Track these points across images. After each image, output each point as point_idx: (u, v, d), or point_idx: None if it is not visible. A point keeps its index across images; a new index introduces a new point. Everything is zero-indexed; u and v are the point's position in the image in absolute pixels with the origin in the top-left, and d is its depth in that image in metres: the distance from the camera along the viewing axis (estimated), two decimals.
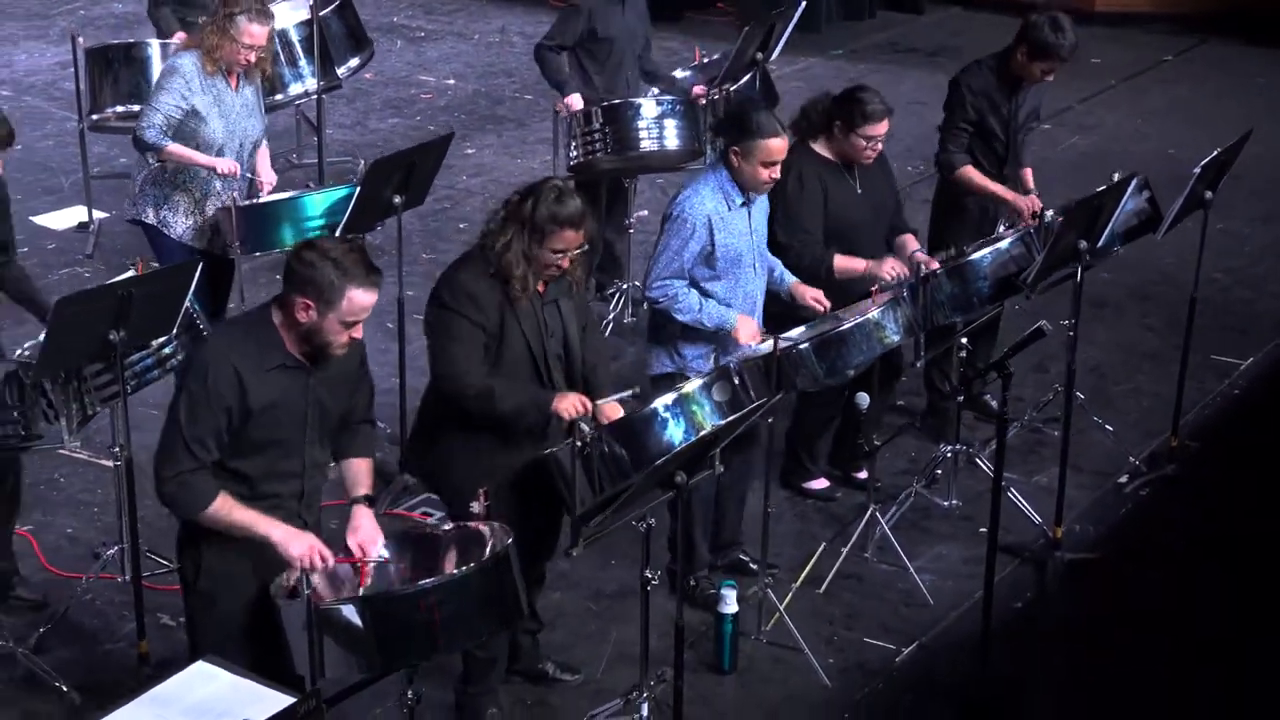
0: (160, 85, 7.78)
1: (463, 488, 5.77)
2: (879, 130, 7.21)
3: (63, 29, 14.70)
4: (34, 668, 6.49)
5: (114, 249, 10.21)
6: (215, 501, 5.12)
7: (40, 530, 7.43)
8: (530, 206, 5.76)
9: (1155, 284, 9.87)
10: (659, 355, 6.82)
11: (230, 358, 5.11)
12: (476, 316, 5.78)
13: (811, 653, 6.66)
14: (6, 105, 12.65)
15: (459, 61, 14.27)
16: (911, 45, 15.00)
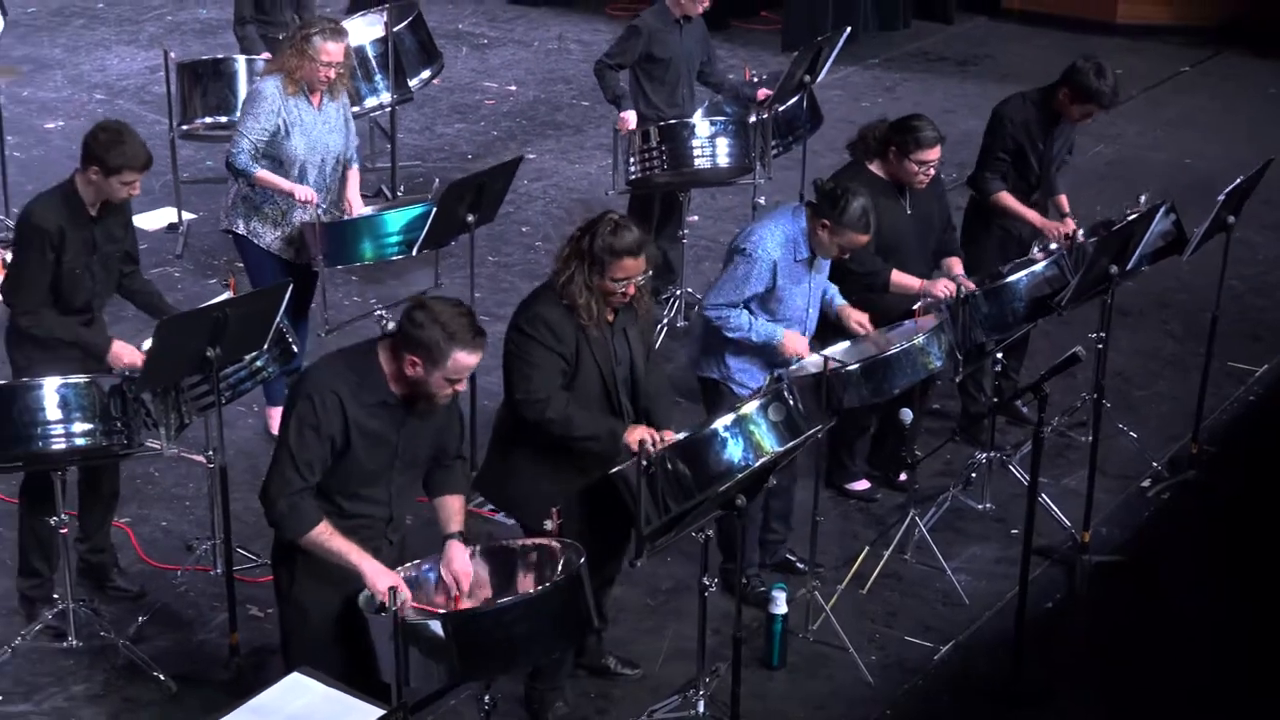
0: (246, 110, 7.77)
1: (534, 504, 5.77)
2: (931, 156, 7.19)
3: (151, 34, 14.74)
4: (134, 657, 6.51)
5: (202, 249, 10.23)
6: (318, 527, 5.14)
7: (137, 523, 7.44)
8: (589, 240, 5.74)
9: (1175, 292, 9.79)
10: (707, 360, 6.85)
11: (336, 389, 5.13)
12: (553, 343, 5.77)
13: (855, 651, 6.64)
14: (100, 109, 12.75)
15: (520, 68, 14.20)
16: (942, 54, 14.90)
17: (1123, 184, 11.58)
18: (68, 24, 15.01)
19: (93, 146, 6.40)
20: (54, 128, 12.34)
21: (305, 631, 5.36)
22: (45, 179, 11.07)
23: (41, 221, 6.43)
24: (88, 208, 6.50)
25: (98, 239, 6.56)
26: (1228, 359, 8.99)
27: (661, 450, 5.63)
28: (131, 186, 6.48)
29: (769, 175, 9.06)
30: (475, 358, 5.15)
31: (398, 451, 5.29)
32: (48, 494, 6.49)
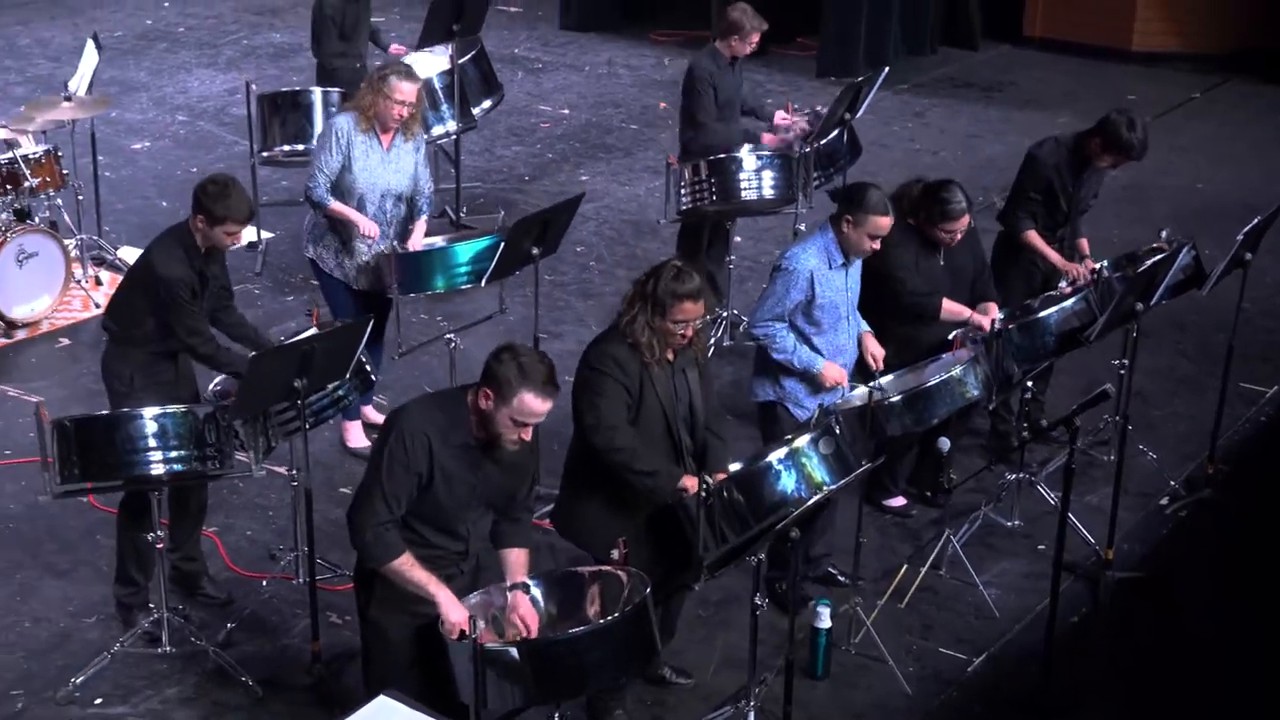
0: (320, 144, 7.80)
1: (600, 535, 5.81)
2: (959, 226, 7.16)
3: (229, 58, 14.81)
4: (222, 662, 6.53)
5: (280, 266, 10.26)
6: (400, 558, 5.16)
7: (224, 532, 7.47)
8: (652, 284, 5.75)
9: (1190, 315, 9.72)
10: (762, 384, 6.84)
11: (425, 430, 5.15)
12: (620, 377, 5.78)
13: (894, 662, 6.62)
14: (183, 130, 12.84)
15: (572, 92, 14.18)
16: (968, 80, 14.83)
17: (1137, 207, 11.54)
18: (151, 48, 15.08)
19: (201, 198, 6.45)
20: (140, 148, 12.40)
21: (385, 652, 5.38)
22: (132, 198, 11.28)
23: (182, 275, 6.49)
24: (200, 250, 6.54)
25: (209, 278, 6.64)
26: (1239, 380, 8.91)
27: (719, 482, 5.65)
28: (235, 236, 6.55)
29: (810, 205, 9.03)
30: (543, 404, 5.12)
31: (475, 492, 5.30)
32: (145, 510, 6.53)
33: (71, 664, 6.54)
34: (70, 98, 9.74)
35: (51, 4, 16.44)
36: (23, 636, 6.76)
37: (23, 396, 8.66)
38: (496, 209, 11.21)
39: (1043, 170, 7.91)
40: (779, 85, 14.24)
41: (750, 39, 9.00)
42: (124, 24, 15.78)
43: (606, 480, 5.90)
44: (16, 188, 9.29)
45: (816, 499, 5.58)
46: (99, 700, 6.38)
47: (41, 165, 9.48)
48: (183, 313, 6.50)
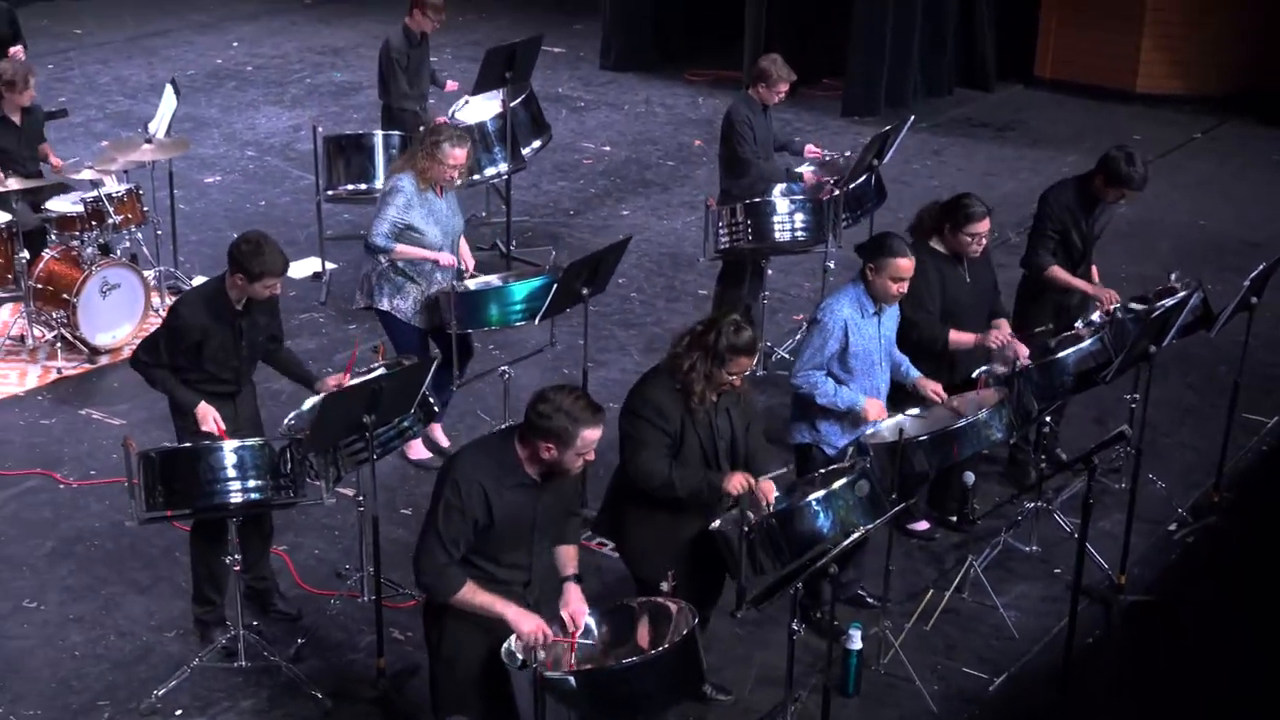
0: (385, 201, 7.76)
1: (643, 551, 5.89)
2: (981, 228, 7.15)
3: (294, 96, 14.84)
4: (294, 676, 6.54)
5: (343, 296, 10.23)
6: (464, 589, 5.16)
7: (293, 551, 7.48)
8: (713, 337, 5.73)
9: (1194, 348, 9.60)
10: (800, 429, 6.81)
11: (478, 477, 5.16)
12: (660, 423, 5.79)
13: (920, 682, 6.59)
14: (251, 164, 12.86)
15: (613, 129, 14.17)
16: (983, 120, 14.75)
17: (1143, 243, 11.49)
18: (222, 85, 15.12)
19: (236, 256, 6.44)
20: (212, 182, 12.43)
21: (452, 682, 5.38)
22: (205, 230, 11.32)
23: (185, 323, 6.50)
24: (234, 304, 6.54)
25: (244, 329, 6.60)
26: (1242, 410, 8.85)
27: (760, 518, 5.65)
28: (272, 289, 6.53)
29: (839, 245, 9.01)
30: (598, 431, 5.19)
31: (535, 523, 5.30)
32: (221, 534, 6.55)
33: (153, 676, 6.56)
34: (151, 140, 9.78)
35: (129, 44, 16.51)
36: (109, 649, 6.78)
37: (106, 419, 8.70)
38: (544, 243, 11.24)
39: (1056, 211, 7.89)
40: (806, 124, 14.21)
41: (777, 88, 8.98)
42: (195, 63, 15.83)
43: (648, 502, 5.91)
44: (101, 224, 9.34)
45: (853, 539, 5.56)
46: (179, 711, 6.39)
47: (124, 203, 9.53)
48: (161, 335, 6.57)
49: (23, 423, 8.65)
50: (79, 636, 6.85)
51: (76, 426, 8.62)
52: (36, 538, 7.57)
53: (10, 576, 7.27)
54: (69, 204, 9.37)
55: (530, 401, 5.22)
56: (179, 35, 16.89)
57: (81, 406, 8.83)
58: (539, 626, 5.16)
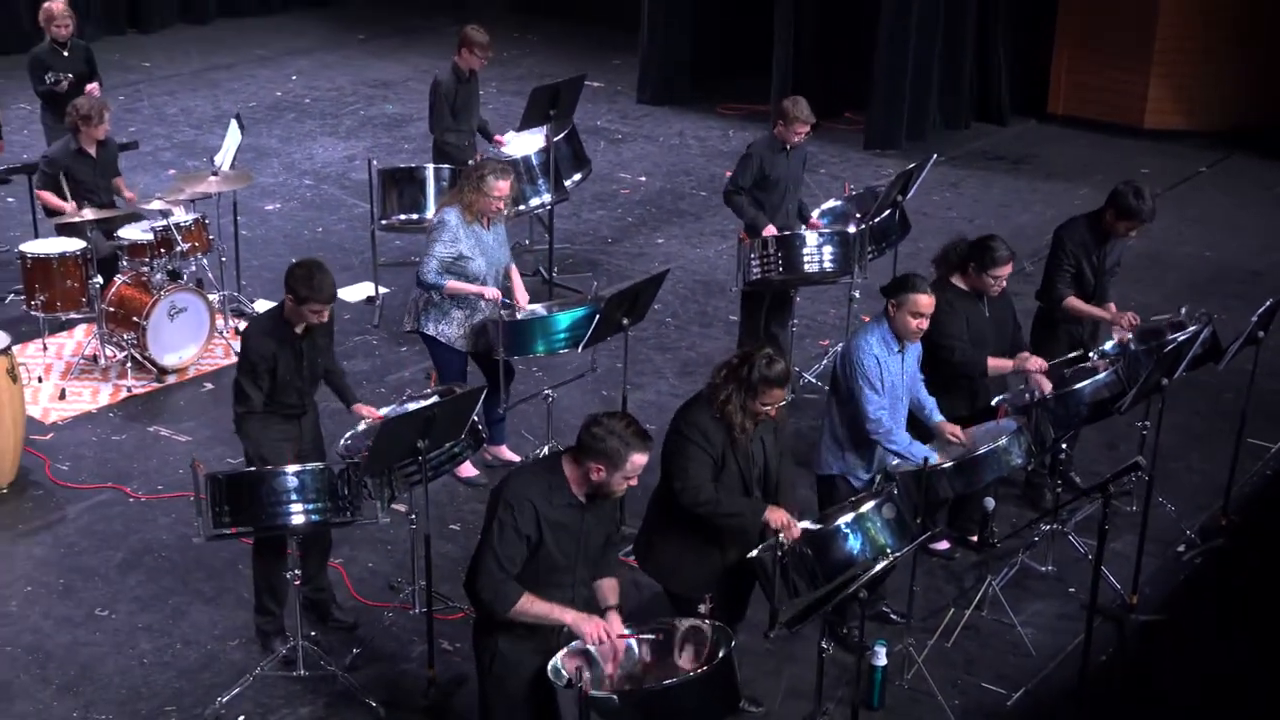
0: (434, 236, 7.74)
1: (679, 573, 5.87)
2: (1005, 271, 7.14)
3: (349, 127, 14.84)
4: (349, 685, 6.54)
5: (394, 319, 10.17)
6: (521, 600, 5.14)
7: (348, 564, 7.47)
8: (747, 370, 5.70)
9: (1202, 375, 9.48)
10: (828, 460, 6.77)
11: (530, 497, 5.14)
12: (705, 445, 5.77)
13: (942, 697, 6.54)
14: (309, 192, 12.87)
15: (648, 161, 14.13)
16: (998, 154, 14.66)
17: (1152, 273, 11.40)
18: (281, 117, 15.15)
19: (289, 279, 6.46)
20: (272, 209, 12.45)
21: (503, 700, 5.35)
22: (266, 255, 11.33)
23: (258, 348, 6.50)
24: (294, 328, 6.53)
25: (304, 351, 6.60)
26: (1247, 436, 8.79)
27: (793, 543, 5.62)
28: (319, 315, 6.51)
29: (865, 276, 8.97)
30: (645, 457, 5.19)
31: (580, 541, 5.28)
32: (282, 550, 6.55)
33: (217, 683, 6.57)
34: (217, 172, 9.80)
35: (194, 77, 16.56)
36: (175, 657, 6.79)
37: (173, 436, 8.71)
38: (584, 269, 11.22)
39: (1070, 246, 7.84)
40: (830, 156, 14.17)
41: (795, 128, 8.79)
42: (257, 95, 15.86)
43: (685, 523, 5.88)
44: (170, 251, 9.36)
45: (883, 565, 5.52)
46: (241, 718, 6.40)
47: (191, 232, 9.56)
48: (242, 373, 6.54)
49: (95, 438, 8.67)
50: (148, 644, 6.86)
51: (145, 443, 8.64)
52: (108, 549, 7.59)
53: (83, 586, 7.29)
54: (140, 232, 9.40)
55: (584, 425, 5.21)
56: (241, 69, 16.94)
57: (150, 424, 8.85)
58: (599, 626, 5.18)
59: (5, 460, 8.05)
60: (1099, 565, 6.30)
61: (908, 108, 14.58)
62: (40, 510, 7.93)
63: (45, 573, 7.38)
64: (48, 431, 8.69)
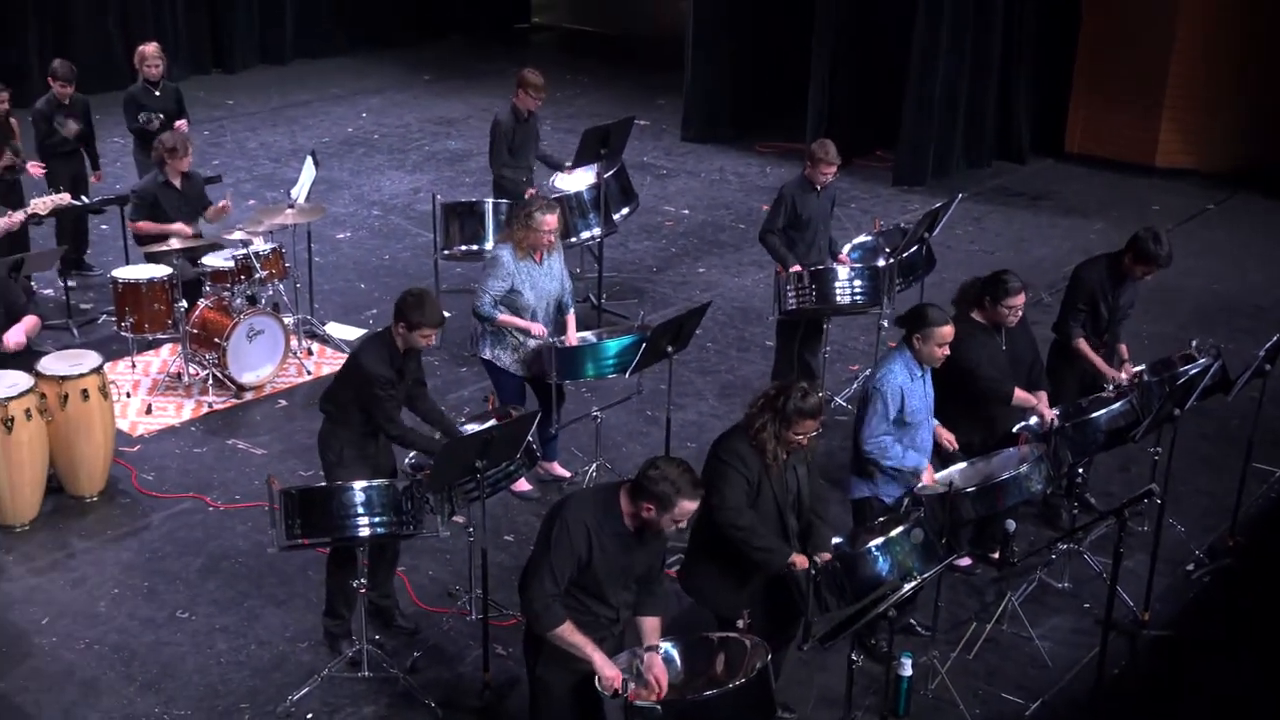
0: (488, 271, 7.74)
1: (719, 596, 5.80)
2: (1019, 301, 7.05)
3: (414, 161, 14.88)
4: (410, 686, 6.51)
5: (455, 342, 10.21)
6: (563, 626, 5.09)
7: (410, 572, 7.43)
8: (782, 402, 5.64)
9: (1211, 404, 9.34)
10: (858, 484, 6.69)
11: (584, 520, 5.11)
12: (743, 470, 5.71)
13: (963, 705, 6.46)
14: (377, 222, 12.90)
15: (691, 195, 14.08)
16: (1018, 190, 14.53)
17: (1163, 306, 11.23)
18: (352, 151, 15.19)
19: (401, 307, 6.43)
20: (343, 237, 12.47)
21: (550, 705, 5.31)
22: (336, 280, 11.34)
23: (383, 373, 6.45)
24: (399, 352, 6.52)
25: (406, 374, 6.60)
26: (1253, 461, 8.64)
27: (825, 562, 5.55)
28: (428, 339, 6.51)
29: (893, 307, 8.89)
30: (696, 504, 5.16)
31: (626, 570, 5.25)
32: (352, 560, 6.55)
33: (288, 683, 6.55)
34: (293, 205, 9.83)
35: (273, 114, 16.66)
36: (250, 657, 6.78)
37: (250, 450, 8.72)
38: (631, 296, 11.19)
39: (1087, 286, 7.76)
40: (861, 192, 14.10)
41: (821, 169, 8.72)
42: (330, 131, 15.94)
43: (725, 547, 5.80)
44: (249, 277, 9.39)
45: (911, 586, 5.44)
46: (310, 715, 6.38)
47: (269, 259, 9.58)
48: (380, 403, 6.47)
49: (178, 451, 8.69)
50: (224, 645, 6.85)
51: (224, 455, 8.65)
52: (189, 555, 7.60)
53: (166, 589, 7.29)
54: (222, 260, 9.43)
55: (643, 466, 5.18)
56: (317, 106, 17.02)
57: (229, 437, 8.86)
58: (618, 677, 5.10)
59: (96, 470, 8.08)
60: (1114, 583, 6.21)
61: (934, 147, 14.51)
62: (127, 517, 7.96)
63: (131, 576, 7.39)
64: (135, 444, 8.72)
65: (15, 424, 7.50)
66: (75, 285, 10.75)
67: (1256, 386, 7.78)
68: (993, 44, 14.65)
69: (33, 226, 9.87)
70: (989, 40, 14.58)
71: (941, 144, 14.59)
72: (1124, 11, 14.72)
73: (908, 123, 14.36)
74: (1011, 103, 15.28)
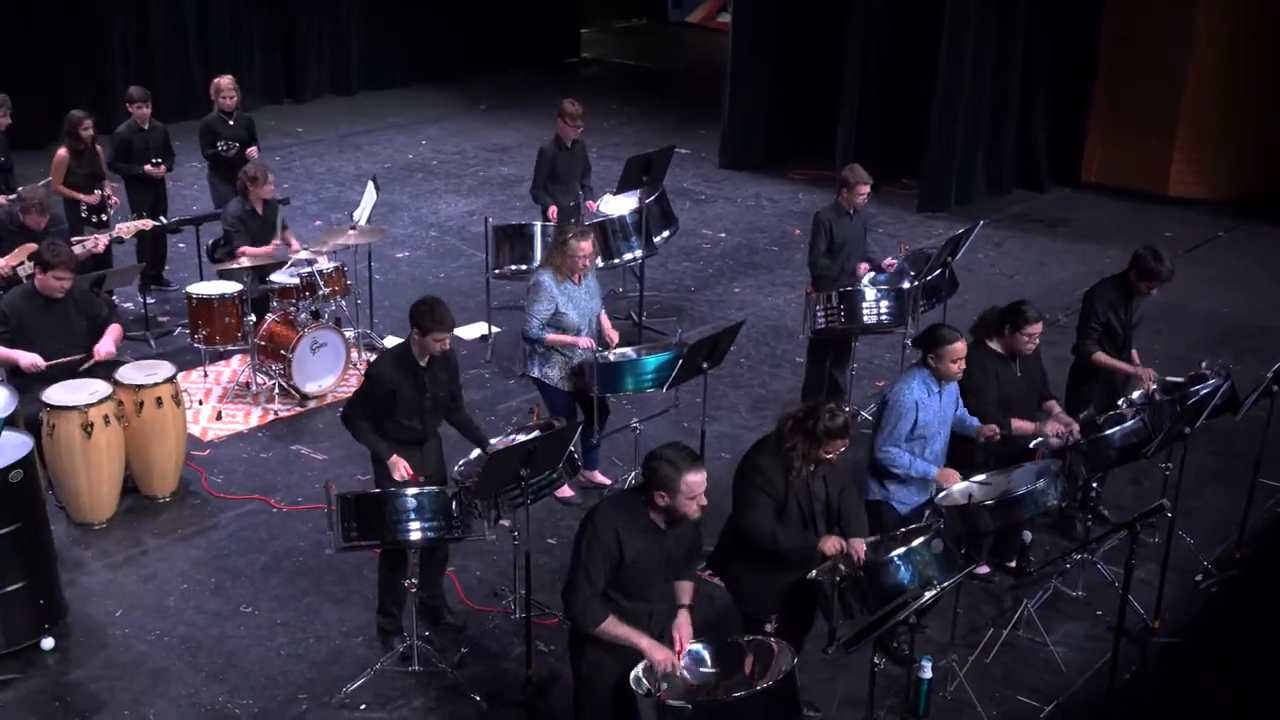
0: (532, 297, 7.70)
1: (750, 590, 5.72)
2: (1037, 329, 6.93)
3: (469, 186, 14.86)
4: (457, 680, 6.46)
5: (504, 355, 10.22)
6: (606, 621, 5.04)
7: (459, 572, 7.37)
8: (813, 423, 5.56)
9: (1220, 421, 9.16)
10: (872, 488, 6.61)
11: (614, 524, 5.05)
12: (766, 487, 5.64)
13: (980, 707, 6.34)
14: (434, 243, 12.88)
15: (727, 219, 13.99)
16: (1037, 217, 14.35)
17: (1174, 326, 11.07)
18: (412, 176, 15.20)
19: (414, 314, 6.42)
20: (402, 257, 12.46)
21: (590, 699, 5.25)
22: (395, 297, 11.32)
23: (379, 375, 6.46)
24: (417, 361, 6.48)
25: (426, 383, 6.52)
26: (1260, 477, 8.46)
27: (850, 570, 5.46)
28: (441, 343, 6.42)
29: (917, 327, 8.77)
30: (701, 475, 5.05)
31: (660, 563, 5.19)
32: (403, 561, 6.49)
33: (344, 675, 6.51)
34: (355, 227, 9.83)
35: (339, 140, 16.71)
36: (308, 650, 6.75)
37: (312, 455, 8.71)
38: (670, 314, 11.12)
39: (1099, 306, 7.66)
40: (888, 217, 13.96)
41: (857, 190, 8.64)
42: (392, 158, 15.96)
43: (752, 551, 5.74)
44: (313, 294, 9.39)
45: (931, 595, 5.34)
46: (363, 706, 6.34)
47: (332, 277, 9.57)
48: (359, 393, 6.51)
49: (245, 455, 8.69)
50: (285, 638, 6.83)
51: (288, 460, 8.64)
52: (253, 553, 7.58)
53: (232, 585, 7.28)
54: (288, 277, 9.43)
55: (645, 460, 5.12)
56: (380, 134, 17.05)
57: (293, 443, 8.85)
58: (669, 656, 5.06)
59: (169, 473, 8.09)
60: (1126, 592, 6.08)
61: (957, 175, 14.36)
62: (197, 517, 7.96)
63: (199, 572, 7.38)
64: (205, 448, 8.73)
65: (94, 429, 7.52)
66: (154, 300, 10.80)
67: (1264, 406, 7.63)
68: (1013, 79, 14.50)
69: (115, 245, 9.91)
70: (1010, 75, 14.43)
71: (964, 172, 14.43)
72: (1138, 49, 14.54)
73: (932, 152, 14.22)
74: (1031, 134, 15.11)
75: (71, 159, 10.33)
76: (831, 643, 5.46)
